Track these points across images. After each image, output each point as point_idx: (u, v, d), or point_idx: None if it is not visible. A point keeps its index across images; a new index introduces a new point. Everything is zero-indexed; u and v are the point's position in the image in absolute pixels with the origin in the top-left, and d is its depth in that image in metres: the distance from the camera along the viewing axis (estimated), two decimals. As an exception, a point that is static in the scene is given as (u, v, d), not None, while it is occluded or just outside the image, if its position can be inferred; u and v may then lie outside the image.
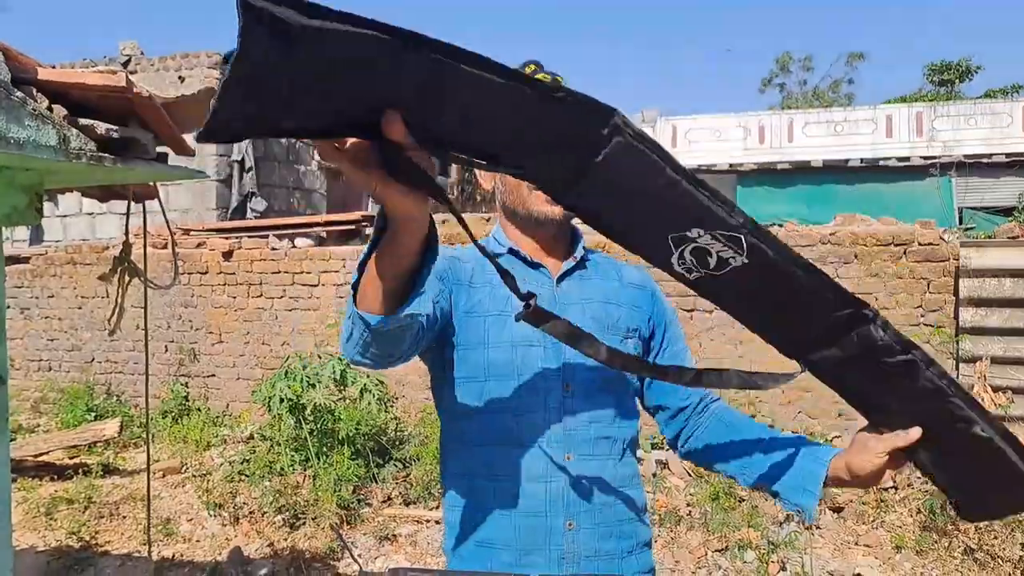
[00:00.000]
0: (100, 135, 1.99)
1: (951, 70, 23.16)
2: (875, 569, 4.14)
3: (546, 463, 1.33)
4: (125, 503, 5.38)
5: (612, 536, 1.37)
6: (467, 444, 1.38)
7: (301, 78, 0.71)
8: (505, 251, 1.43)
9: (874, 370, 1.09)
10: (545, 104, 0.82)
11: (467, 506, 1.39)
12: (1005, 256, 5.30)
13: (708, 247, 1.01)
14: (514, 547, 1.33)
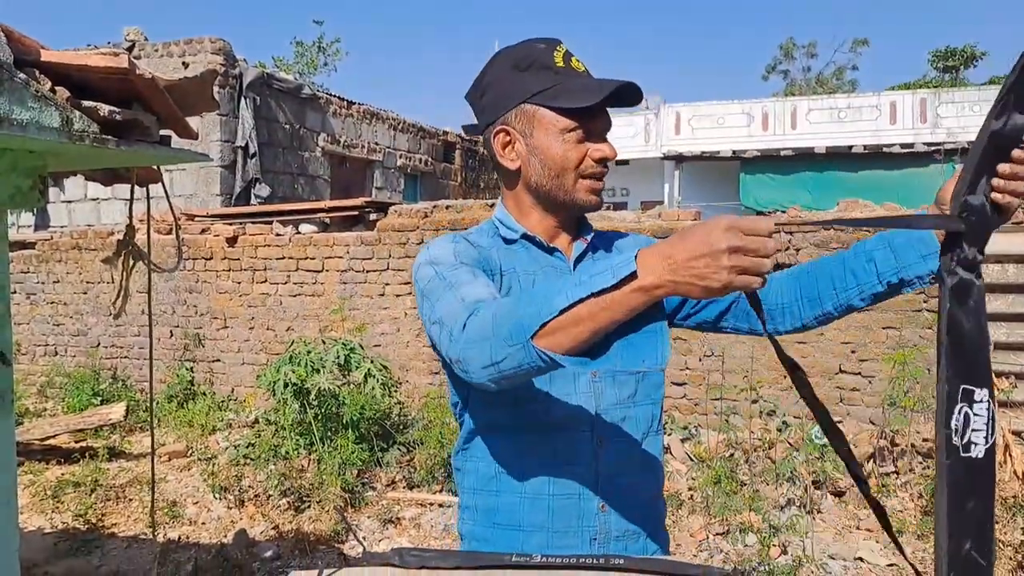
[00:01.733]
0: (103, 117, 1.99)
1: (955, 56, 23.04)
2: (876, 553, 4.16)
3: (578, 447, 1.34)
4: (131, 486, 5.42)
5: (639, 515, 1.39)
6: (497, 431, 1.38)
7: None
8: (519, 236, 1.41)
9: None
10: None
11: (494, 490, 1.39)
12: (1009, 242, 5.29)
13: (976, 417, 0.99)
14: (547, 529, 1.34)
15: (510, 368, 1.05)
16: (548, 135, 1.32)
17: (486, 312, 1.10)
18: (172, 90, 2.22)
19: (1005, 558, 3.89)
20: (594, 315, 0.99)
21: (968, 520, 0.98)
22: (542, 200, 1.39)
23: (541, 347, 1.00)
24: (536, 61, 1.31)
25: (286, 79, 12.35)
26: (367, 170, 14.40)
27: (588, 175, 1.34)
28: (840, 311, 1.38)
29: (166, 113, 2.21)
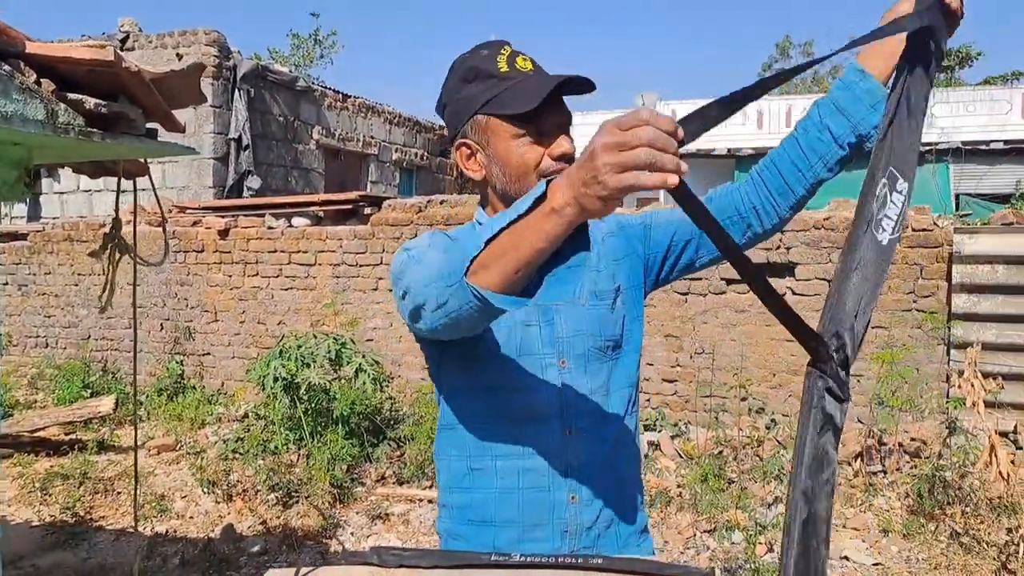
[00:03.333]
0: (88, 110, 1.99)
1: (951, 56, 23.08)
2: (862, 552, 4.17)
3: (548, 439, 1.36)
4: (120, 479, 5.41)
5: (611, 503, 1.40)
6: (468, 424, 1.40)
7: None
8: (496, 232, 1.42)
9: None
10: None
11: (467, 486, 1.40)
12: (998, 243, 5.30)
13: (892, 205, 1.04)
14: (518, 523, 1.36)
15: (453, 311, 1.07)
16: (503, 142, 1.32)
17: (432, 256, 1.16)
18: (159, 83, 2.22)
19: (989, 558, 3.91)
20: (516, 245, 0.98)
21: (856, 292, 1.02)
22: (511, 204, 1.39)
23: (474, 284, 1.01)
24: (481, 70, 1.32)
25: (281, 71, 12.31)
26: (362, 164, 14.38)
27: (549, 174, 1.33)
28: (811, 189, 1.42)
29: (152, 106, 2.20)
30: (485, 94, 1.31)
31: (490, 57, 1.32)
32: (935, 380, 5.40)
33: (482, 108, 1.31)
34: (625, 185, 0.84)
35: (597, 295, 1.41)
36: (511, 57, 1.32)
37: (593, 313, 1.40)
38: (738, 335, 5.94)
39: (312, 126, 12.77)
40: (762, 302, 0.97)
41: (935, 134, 15.63)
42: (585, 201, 0.89)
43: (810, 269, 5.77)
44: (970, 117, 15.79)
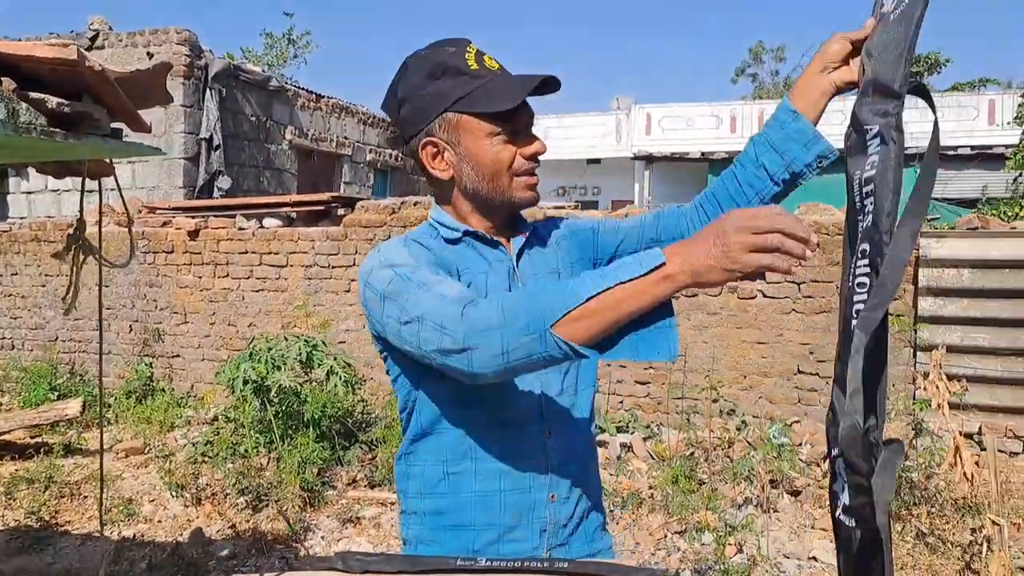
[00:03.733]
0: (51, 109, 1.96)
1: (920, 63, 23.42)
2: (830, 552, 4.21)
3: (529, 440, 1.37)
4: (86, 483, 5.33)
5: (584, 499, 1.43)
6: (447, 430, 1.38)
7: None
8: (461, 234, 1.40)
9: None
10: None
11: (443, 491, 1.39)
12: (964, 247, 5.39)
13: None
14: (497, 525, 1.36)
15: (520, 358, 1.06)
16: (476, 141, 1.31)
17: (491, 304, 1.10)
18: (124, 82, 2.19)
19: (954, 558, 3.97)
20: (619, 303, 1.02)
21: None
22: (480, 204, 1.39)
23: (558, 335, 1.03)
24: (449, 67, 1.30)
25: (253, 71, 12.21)
26: (335, 164, 14.29)
27: (522, 173, 1.35)
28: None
29: (117, 106, 2.17)
30: (456, 91, 1.29)
31: (458, 54, 1.30)
32: (902, 382, 5.47)
33: (455, 104, 1.29)
34: (757, 264, 0.97)
35: None
36: (478, 55, 1.31)
37: None
38: (710, 337, 5.99)
39: (285, 126, 12.67)
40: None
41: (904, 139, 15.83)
42: (708, 274, 0.99)
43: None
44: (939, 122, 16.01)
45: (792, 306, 5.76)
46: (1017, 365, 5.27)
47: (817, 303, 5.70)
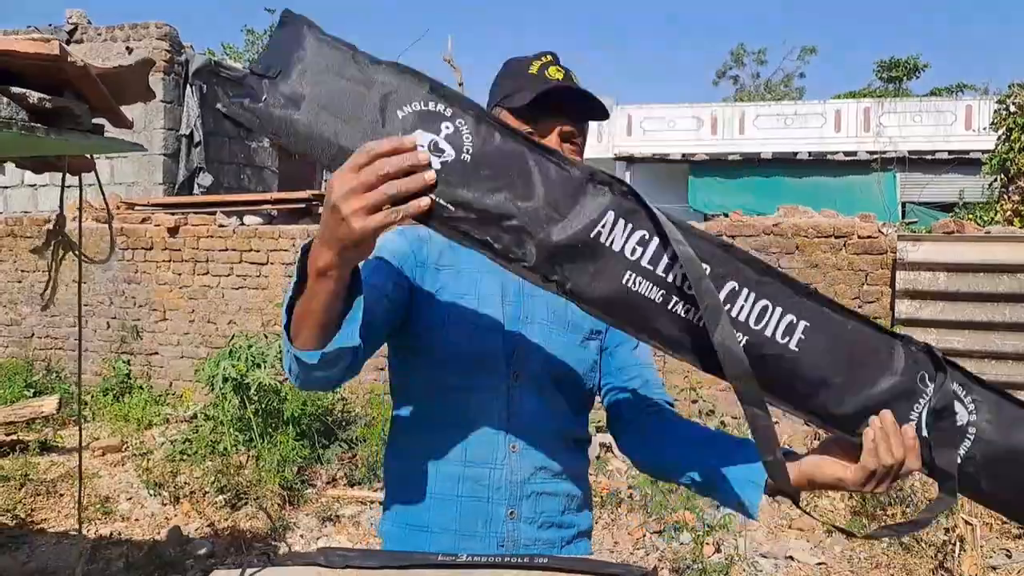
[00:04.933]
0: (32, 104, 1.95)
1: (899, 67, 23.66)
2: (806, 552, 4.26)
3: (491, 450, 1.34)
4: (62, 481, 5.29)
5: (552, 526, 1.38)
6: (414, 427, 1.39)
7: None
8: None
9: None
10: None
11: (408, 489, 1.39)
12: (941, 250, 5.46)
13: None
14: (452, 531, 1.34)
15: (299, 372, 1.08)
16: None
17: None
18: (106, 78, 2.18)
19: (928, 557, 4.02)
20: (307, 310, 1.01)
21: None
22: None
23: (297, 350, 1.04)
24: (514, 70, 1.36)
25: (234, 67, 12.13)
26: (316, 163, 14.22)
27: None
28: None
29: (99, 101, 2.16)
30: (505, 90, 1.34)
31: (528, 61, 1.36)
32: (878, 383, 5.52)
33: (500, 100, 1.35)
34: (376, 226, 0.89)
35: (572, 327, 1.41)
36: (546, 65, 1.34)
37: (559, 340, 1.39)
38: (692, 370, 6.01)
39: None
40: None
41: (882, 143, 16.02)
42: (346, 253, 0.93)
43: (760, 274, 5.87)
44: (916, 127, 16.21)
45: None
46: (990, 368, 5.34)
47: (796, 305, 5.74)
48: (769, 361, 1.02)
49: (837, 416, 1.07)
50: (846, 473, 1.10)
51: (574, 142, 1.35)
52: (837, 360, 1.05)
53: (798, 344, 1.03)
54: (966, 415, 1.07)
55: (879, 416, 1.06)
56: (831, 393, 1.06)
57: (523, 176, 0.97)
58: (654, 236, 0.99)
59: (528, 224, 0.97)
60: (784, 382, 1.05)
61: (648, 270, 0.99)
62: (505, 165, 0.96)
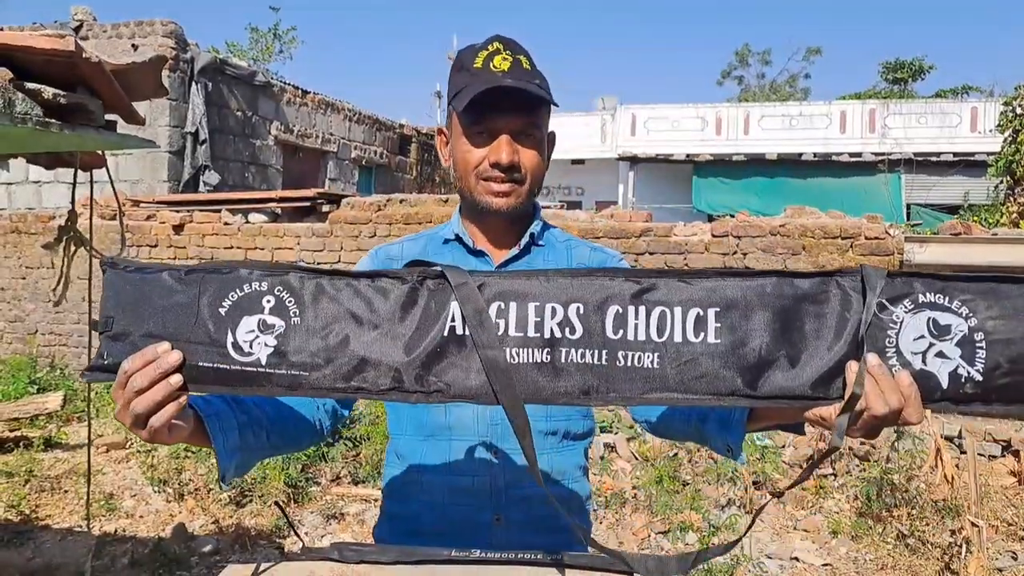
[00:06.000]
0: (46, 100, 1.95)
1: (905, 68, 23.62)
2: (812, 553, 4.26)
3: (473, 457, 1.34)
4: (67, 477, 5.29)
5: (543, 530, 1.36)
6: (404, 435, 1.40)
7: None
8: (453, 237, 1.41)
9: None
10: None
11: (399, 497, 1.40)
12: (948, 252, 5.46)
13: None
14: (444, 536, 1.33)
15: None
16: (457, 136, 1.34)
17: None
18: (120, 75, 2.18)
19: (934, 559, 4.01)
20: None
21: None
22: (462, 199, 1.41)
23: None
24: (463, 63, 1.31)
25: (239, 65, 12.14)
26: (320, 161, 14.24)
27: (486, 177, 1.32)
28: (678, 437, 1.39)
29: (112, 98, 2.17)
30: (454, 87, 1.31)
31: (475, 52, 1.30)
32: (884, 385, 5.52)
33: (452, 99, 1.32)
34: (151, 437, 0.95)
35: None
36: (491, 55, 1.29)
37: None
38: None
39: (270, 121, 12.62)
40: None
41: (889, 144, 15.99)
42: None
43: (765, 275, 5.86)
44: (922, 129, 16.20)
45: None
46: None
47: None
48: (701, 363, 0.93)
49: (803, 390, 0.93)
50: (831, 412, 0.93)
51: (529, 135, 1.31)
52: (768, 330, 0.93)
53: (717, 334, 0.93)
54: (962, 322, 0.91)
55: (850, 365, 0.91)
56: (781, 368, 0.93)
57: (354, 311, 0.97)
58: (510, 302, 0.96)
59: (381, 354, 0.96)
60: (727, 379, 0.93)
61: (518, 337, 0.95)
62: (334, 310, 0.97)
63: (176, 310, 0.96)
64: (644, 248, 6.23)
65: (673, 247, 6.15)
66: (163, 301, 0.96)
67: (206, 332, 0.95)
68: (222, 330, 0.95)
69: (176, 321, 0.96)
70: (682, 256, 6.10)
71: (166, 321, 0.96)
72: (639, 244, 6.24)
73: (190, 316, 0.96)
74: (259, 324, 0.95)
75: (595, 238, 6.18)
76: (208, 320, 0.95)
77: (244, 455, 1.12)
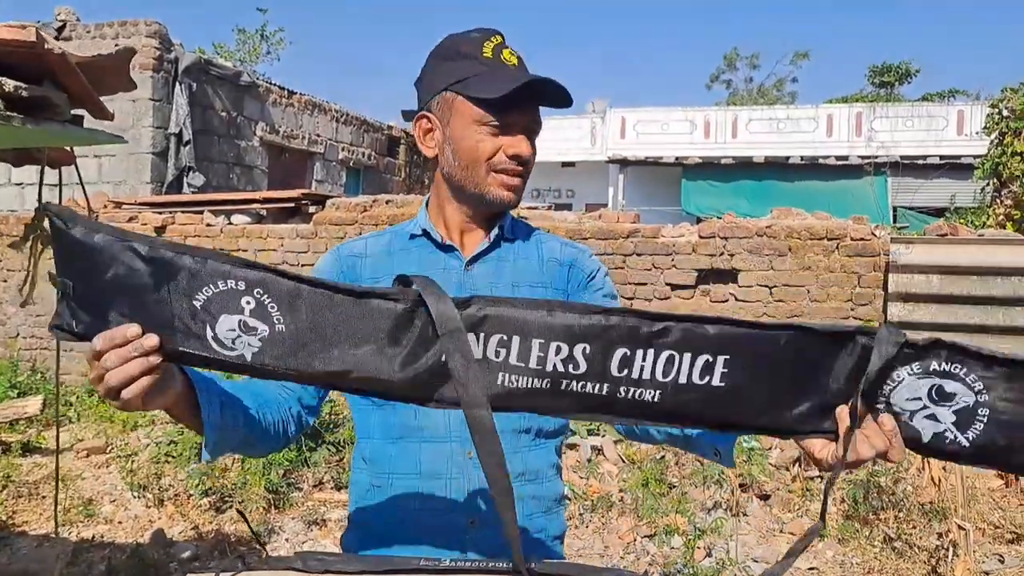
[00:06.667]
0: (7, 92, 1.89)
1: (891, 72, 23.74)
2: (799, 556, 4.22)
3: (447, 460, 1.30)
4: (45, 483, 5.21)
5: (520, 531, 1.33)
6: (371, 440, 1.35)
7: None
8: (420, 232, 1.38)
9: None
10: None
11: (369, 504, 1.35)
12: (934, 253, 5.44)
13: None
14: (415, 544, 1.29)
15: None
16: (463, 124, 1.29)
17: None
18: (87, 68, 2.12)
19: (920, 562, 3.99)
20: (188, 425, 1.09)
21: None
22: (454, 190, 1.36)
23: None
24: (463, 51, 1.29)
25: (224, 65, 12.05)
26: (307, 162, 14.15)
27: (500, 170, 1.30)
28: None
29: (79, 92, 2.10)
30: (461, 72, 1.28)
31: (478, 41, 1.29)
32: (871, 387, 5.50)
33: (454, 84, 1.28)
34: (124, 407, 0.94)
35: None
36: (499, 47, 1.29)
37: None
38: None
39: (256, 122, 12.52)
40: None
41: (874, 148, 16.05)
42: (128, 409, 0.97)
43: (752, 276, 5.84)
44: (908, 132, 16.27)
45: (763, 310, 5.78)
46: (983, 371, 5.32)
47: (788, 307, 5.72)
48: (700, 400, 0.96)
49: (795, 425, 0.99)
50: (824, 452, 1.00)
51: (536, 131, 1.33)
52: (775, 376, 0.96)
53: (722, 378, 0.95)
54: (970, 395, 0.93)
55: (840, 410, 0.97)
56: (777, 407, 0.98)
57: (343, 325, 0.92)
58: (514, 335, 0.93)
59: (376, 370, 0.93)
60: (723, 413, 0.98)
61: (519, 367, 0.94)
62: (320, 321, 0.91)
63: (142, 290, 0.89)
64: (632, 249, 6.19)
65: (660, 248, 6.12)
66: (126, 277, 0.88)
67: (181, 320, 0.90)
68: (199, 322, 0.90)
69: (145, 302, 0.89)
70: (669, 257, 6.06)
71: (132, 300, 0.89)
72: (627, 245, 6.21)
73: (160, 300, 0.89)
74: (240, 324, 0.90)
75: (582, 239, 6.14)
76: (183, 309, 0.89)
77: (222, 434, 1.09)
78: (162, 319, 0.90)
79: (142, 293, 0.89)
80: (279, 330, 0.90)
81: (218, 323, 0.90)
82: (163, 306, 0.89)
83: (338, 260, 1.38)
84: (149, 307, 0.89)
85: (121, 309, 0.90)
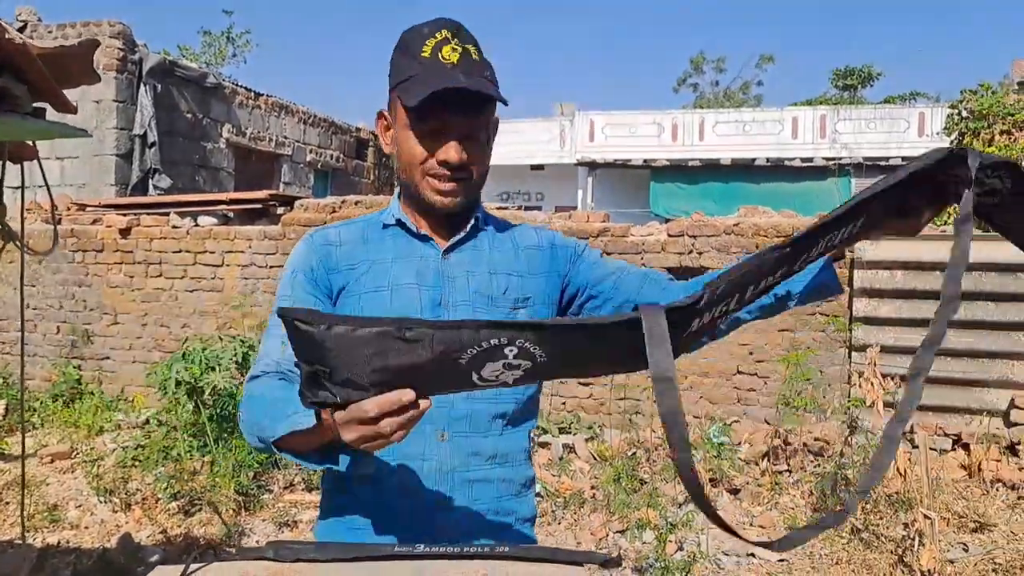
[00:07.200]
0: (-35, 84, 1.85)
1: (854, 75, 24.11)
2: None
3: (419, 442, 1.29)
4: (9, 488, 5.10)
5: (489, 513, 1.35)
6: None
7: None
8: (393, 222, 1.38)
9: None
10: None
11: (339, 489, 1.35)
12: (897, 249, 5.53)
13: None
14: (387, 529, 1.30)
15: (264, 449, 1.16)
16: (402, 127, 1.30)
17: (253, 395, 1.23)
18: (48, 59, 2.09)
19: (887, 552, 4.05)
20: (306, 441, 1.10)
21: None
22: (405, 188, 1.38)
23: (284, 450, 1.11)
24: (410, 48, 1.26)
25: (189, 67, 11.92)
26: (274, 164, 14.03)
27: (431, 174, 1.29)
28: (728, 326, 1.32)
29: (40, 84, 2.07)
30: (403, 72, 1.26)
31: (423, 37, 1.25)
32: (838, 381, 5.58)
33: (397, 85, 1.27)
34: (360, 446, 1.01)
35: (498, 301, 1.35)
36: (440, 44, 1.24)
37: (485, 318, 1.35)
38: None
39: (222, 124, 12.39)
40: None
41: (838, 149, 16.28)
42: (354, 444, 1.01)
43: (720, 274, 5.89)
44: (871, 134, 16.52)
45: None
46: (946, 366, 5.42)
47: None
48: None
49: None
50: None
51: (476, 134, 1.29)
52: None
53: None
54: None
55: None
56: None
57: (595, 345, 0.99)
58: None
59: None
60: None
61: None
62: (576, 347, 0.97)
63: (405, 365, 0.94)
64: (602, 248, 6.21)
65: (630, 247, 6.16)
66: (381, 355, 0.94)
67: (443, 380, 0.98)
68: (464, 378, 0.96)
69: (409, 372, 0.95)
70: (639, 256, 6.10)
71: (396, 374, 0.95)
72: (596, 244, 6.23)
73: (424, 368, 0.94)
74: (504, 365, 0.95)
75: (551, 239, 6.15)
76: (447, 370, 0.95)
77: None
78: (426, 386, 0.97)
79: (403, 365, 0.94)
80: (542, 361, 0.95)
81: (483, 369, 0.95)
82: (423, 371, 0.95)
83: (312, 249, 1.37)
84: (404, 375, 0.95)
85: (383, 379, 0.96)
